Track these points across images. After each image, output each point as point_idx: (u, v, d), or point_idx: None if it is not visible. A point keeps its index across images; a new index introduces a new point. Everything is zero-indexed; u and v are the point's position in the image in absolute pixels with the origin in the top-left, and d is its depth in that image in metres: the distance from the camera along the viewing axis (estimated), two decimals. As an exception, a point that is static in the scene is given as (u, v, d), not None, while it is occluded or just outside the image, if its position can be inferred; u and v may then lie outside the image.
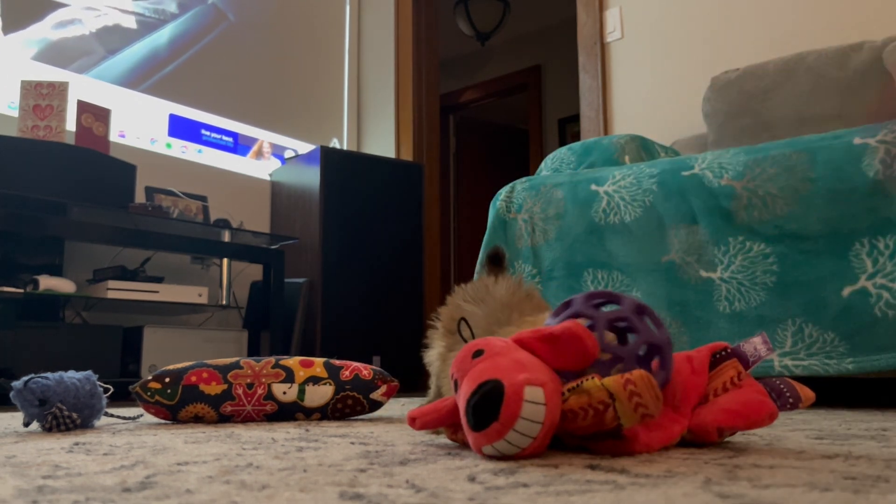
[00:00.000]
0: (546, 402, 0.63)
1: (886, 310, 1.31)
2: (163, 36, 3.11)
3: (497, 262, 1.22)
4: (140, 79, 3.00)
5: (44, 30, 2.72)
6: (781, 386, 0.75)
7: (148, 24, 3.06)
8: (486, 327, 0.96)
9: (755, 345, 0.75)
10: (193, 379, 1.15)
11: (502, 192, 1.88)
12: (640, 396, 0.62)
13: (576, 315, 0.74)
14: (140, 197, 2.83)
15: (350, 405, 1.22)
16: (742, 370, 0.75)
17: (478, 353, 0.71)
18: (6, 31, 2.58)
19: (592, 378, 0.65)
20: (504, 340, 0.73)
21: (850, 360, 1.34)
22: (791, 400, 0.74)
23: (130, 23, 3.01)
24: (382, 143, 3.76)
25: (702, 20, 2.66)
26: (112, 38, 2.93)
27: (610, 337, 0.74)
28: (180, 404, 1.14)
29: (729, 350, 0.76)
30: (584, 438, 0.69)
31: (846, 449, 0.72)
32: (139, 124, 2.97)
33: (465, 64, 5.75)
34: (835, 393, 2.09)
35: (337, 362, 1.25)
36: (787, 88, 2.12)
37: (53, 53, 2.73)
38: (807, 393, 0.75)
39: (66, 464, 0.65)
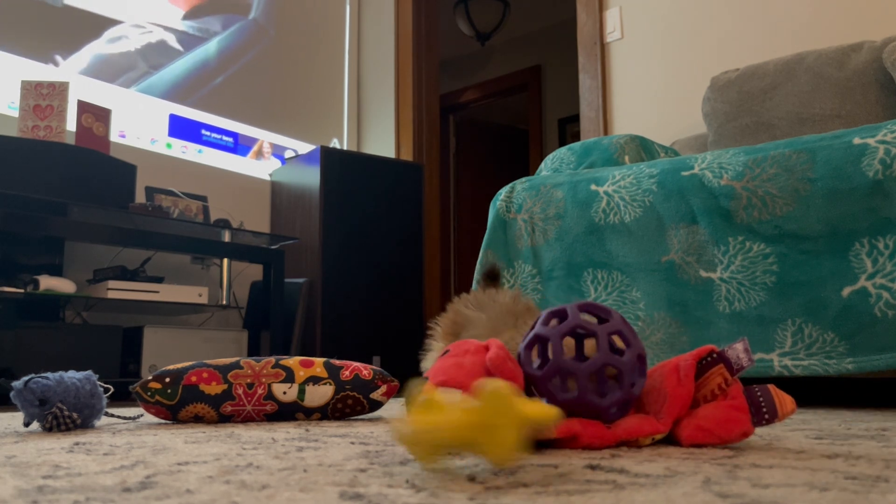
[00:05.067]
0: None
1: (886, 310, 1.31)
2: (173, 41, 3.11)
3: (493, 279, 1.27)
4: (107, 66, 3.00)
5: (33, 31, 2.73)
6: (760, 399, 0.75)
7: (190, 41, 3.07)
8: (490, 329, 0.98)
9: (738, 352, 0.75)
10: (193, 379, 1.15)
11: (502, 193, 1.88)
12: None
13: (577, 326, 0.75)
14: (140, 197, 2.83)
15: (350, 405, 1.22)
16: (728, 376, 0.76)
17: (446, 352, 0.80)
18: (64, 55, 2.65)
19: None
20: (476, 343, 0.80)
21: (850, 360, 1.34)
22: (767, 416, 0.75)
23: (170, 39, 3.03)
24: (382, 143, 3.76)
25: (702, 20, 2.66)
26: (152, 53, 2.94)
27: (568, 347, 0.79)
28: (180, 404, 1.14)
29: (715, 354, 0.77)
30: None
31: (846, 449, 0.72)
32: (139, 124, 2.97)
33: (465, 64, 5.75)
34: (835, 393, 2.09)
35: (337, 362, 1.25)
36: (787, 88, 2.12)
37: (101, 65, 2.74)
38: (786, 407, 0.75)
39: (66, 464, 0.65)
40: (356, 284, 3.04)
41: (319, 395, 1.19)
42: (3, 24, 2.60)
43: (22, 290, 2.13)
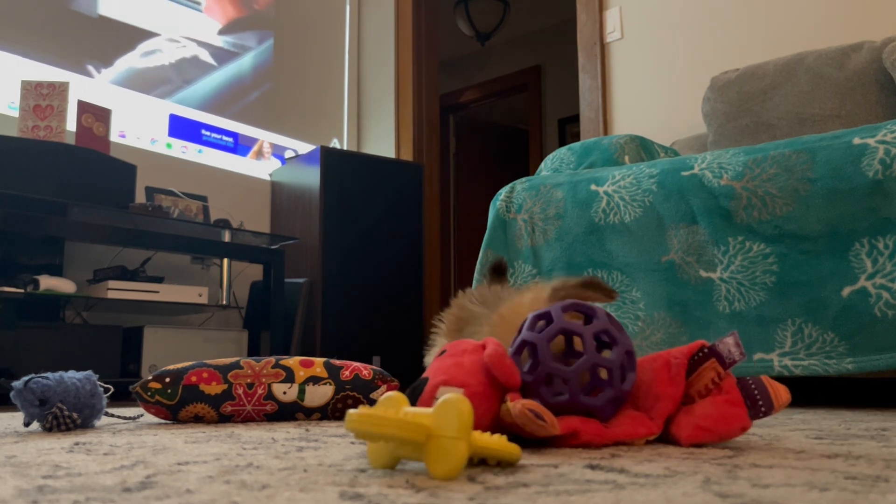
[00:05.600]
0: None
1: (886, 310, 1.31)
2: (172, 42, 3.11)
3: (500, 273, 1.26)
4: (140, 78, 3.00)
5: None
6: (755, 391, 0.75)
7: (224, 55, 3.07)
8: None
9: (729, 346, 0.76)
10: (193, 379, 1.15)
11: (502, 193, 1.88)
12: (528, 423, 0.70)
13: (563, 330, 0.76)
14: (140, 197, 2.83)
15: (350, 405, 1.22)
16: (721, 371, 0.76)
17: (443, 352, 0.81)
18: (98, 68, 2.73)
19: (510, 401, 0.73)
20: (473, 343, 0.80)
21: (850, 360, 1.34)
22: (763, 408, 0.75)
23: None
24: (382, 143, 3.76)
25: (702, 20, 2.66)
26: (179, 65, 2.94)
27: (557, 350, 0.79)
28: (180, 404, 1.14)
29: (707, 349, 0.77)
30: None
31: (846, 449, 0.72)
32: (139, 124, 2.97)
33: (465, 64, 5.75)
34: (835, 393, 2.09)
35: (337, 362, 1.25)
36: (787, 88, 2.12)
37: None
38: (780, 398, 0.75)
39: (66, 464, 0.65)
40: (356, 284, 3.04)
41: (319, 395, 1.19)
42: (34, 32, 2.60)
43: (22, 290, 2.13)
